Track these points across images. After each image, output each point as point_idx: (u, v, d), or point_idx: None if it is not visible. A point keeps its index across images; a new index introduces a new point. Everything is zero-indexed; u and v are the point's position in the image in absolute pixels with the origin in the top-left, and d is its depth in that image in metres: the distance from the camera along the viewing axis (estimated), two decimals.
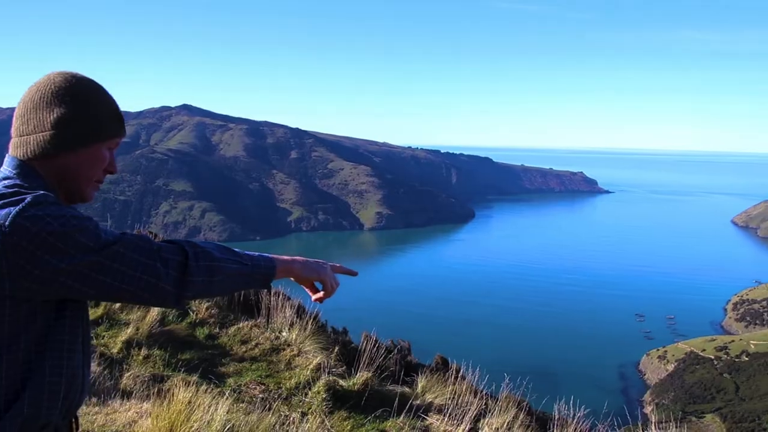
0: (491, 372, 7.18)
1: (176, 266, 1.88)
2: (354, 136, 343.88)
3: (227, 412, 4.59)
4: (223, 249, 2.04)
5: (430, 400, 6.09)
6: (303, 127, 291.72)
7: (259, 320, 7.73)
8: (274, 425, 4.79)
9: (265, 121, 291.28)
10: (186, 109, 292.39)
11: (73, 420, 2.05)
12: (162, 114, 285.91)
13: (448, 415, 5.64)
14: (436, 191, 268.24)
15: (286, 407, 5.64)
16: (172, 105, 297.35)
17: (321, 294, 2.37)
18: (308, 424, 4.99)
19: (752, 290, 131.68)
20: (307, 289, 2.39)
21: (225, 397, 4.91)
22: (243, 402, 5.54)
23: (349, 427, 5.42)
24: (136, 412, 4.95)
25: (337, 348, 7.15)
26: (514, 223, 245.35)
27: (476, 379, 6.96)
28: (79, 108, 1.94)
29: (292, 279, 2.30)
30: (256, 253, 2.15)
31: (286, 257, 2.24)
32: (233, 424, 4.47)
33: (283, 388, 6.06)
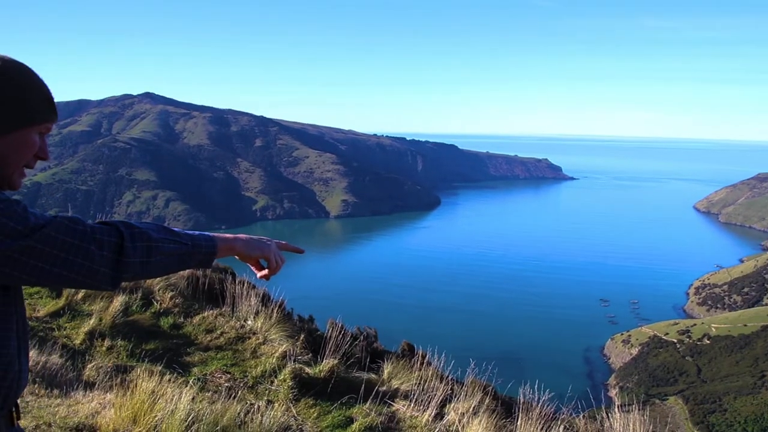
0: (457, 358, 7.21)
1: (111, 247, 1.83)
2: (319, 123, 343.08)
3: (192, 402, 4.56)
4: (161, 229, 2.01)
5: (396, 386, 6.10)
6: (267, 115, 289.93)
7: (224, 309, 7.67)
8: (239, 414, 4.76)
9: (229, 109, 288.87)
10: (148, 97, 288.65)
11: (14, 409, 2.00)
12: (124, 102, 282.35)
13: (414, 400, 5.66)
14: (402, 179, 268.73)
15: (251, 396, 5.62)
16: (134, 93, 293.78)
17: (266, 271, 2.39)
18: (274, 412, 4.97)
19: (713, 275, 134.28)
20: (252, 267, 2.40)
21: (189, 387, 4.88)
22: (208, 391, 5.50)
23: (315, 415, 5.42)
24: (99, 403, 4.89)
25: (302, 336, 7.12)
26: (480, 210, 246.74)
27: (442, 365, 6.99)
28: (6, 91, 1.83)
29: (236, 257, 2.31)
30: (197, 232, 2.14)
31: (228, 235, 2.25)
32: (197, 413, 4.43)
33: (248, 377, 6.03)
